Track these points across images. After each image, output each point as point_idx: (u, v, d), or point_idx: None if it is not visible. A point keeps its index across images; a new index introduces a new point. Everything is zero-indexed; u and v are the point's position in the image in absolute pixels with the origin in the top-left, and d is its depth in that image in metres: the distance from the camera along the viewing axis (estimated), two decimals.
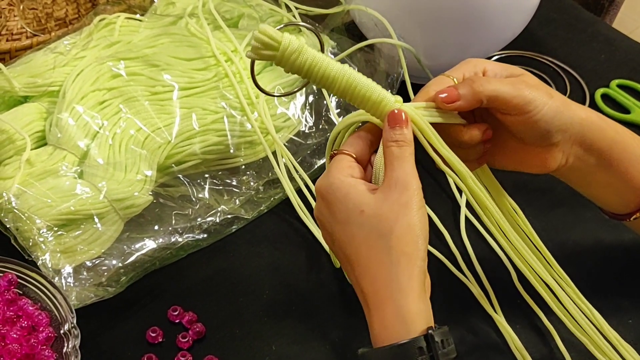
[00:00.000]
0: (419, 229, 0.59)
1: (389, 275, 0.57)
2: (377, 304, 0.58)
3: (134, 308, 0.78)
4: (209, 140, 0.85)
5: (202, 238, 0.82)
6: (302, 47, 0.59)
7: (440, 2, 0.89)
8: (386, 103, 0.63)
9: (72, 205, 0.77)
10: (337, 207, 0.61)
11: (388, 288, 0.57)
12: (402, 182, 0.60)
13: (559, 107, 0.65)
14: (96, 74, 0.86)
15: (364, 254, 0.59)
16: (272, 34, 0.59)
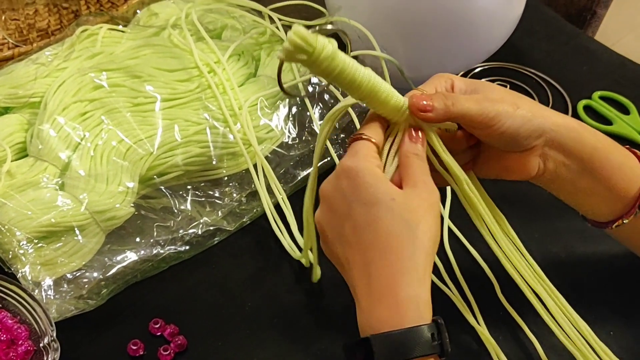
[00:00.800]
0: (438, 233, 0.61)
1: (409, 262, 0.58)
2: (389, 287, 0.58)
3: (115, 321, 0.78)
4: (192, 151, 0.85)
5: (184, 250, 0.82)
6: (335, 53, 0.59)
7: (423, 15, 0.90)
8: (405, 109, 0.64)
9: (52, 217, 0.76)
10: (365, 188, 0.60)
11: (405, 275, 0.57)
12: (430, 186, 0.62)
13: (525, 116, 0.66)
14: (78, 85, 0.85)
15: (383, 238, 0.58)
16: (308, 38, 0.57)
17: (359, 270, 0.60)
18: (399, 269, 0.58)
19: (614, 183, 0.70)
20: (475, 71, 1.09)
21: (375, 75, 0.63)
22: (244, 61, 0.95)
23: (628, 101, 1.04)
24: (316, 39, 0.57)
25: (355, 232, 0.60)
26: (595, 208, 0.74)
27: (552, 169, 0.70)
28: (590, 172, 0.70)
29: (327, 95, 0.95)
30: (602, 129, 1.01)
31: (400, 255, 0.58)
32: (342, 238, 0.61)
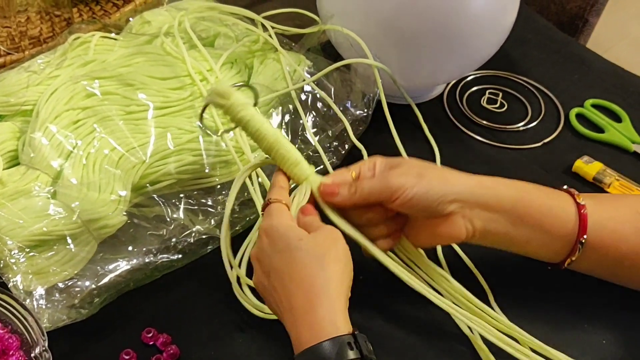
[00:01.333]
0: (347, 260, 0.69)
1: (322, 288, 0.65)
2: (308, 311, 0.65)
3: (108, 330, 0.77)
4: (184, 159, 0.85)
5: (177, 259, 0.82)
6: (245, 106, 0.74)
7: (416, 23, 0.90)
8: (302, 166, 0.75)
9: (44, 225, 0.76)
10: (279, 240, 0.69)
11: (320, 297, 0.65)
12: (330, 227, 0.71)
13: (430, 184, 0.72)
14: (70, 93, 0.85)
15: (298, 273, 0.66)
16: (226, 90, 0.74)
17: (285, 307, 0.67)
18: (314, 294, 0.65)
19: (547, 227, 0.75)
20: (467, 79, 1.09)
21: (282, 135, 0.75)
22: (236, 69, 0.95)
23: (620, 109, 1.05)
24: (234, 92, 0.73)
25: (277, 277, 0.68)
26: (540, 253, 0.78)
27: (481, 227, 0.75)
28: (520, 221, 0.75)
29: (320, 103, 0.95)
30: (595, 137, 1.01)
31: (314, 283, 0.66)
32: (272, 290, 0.69)
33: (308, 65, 0.98)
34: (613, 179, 0.94)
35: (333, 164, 0.93)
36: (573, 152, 0.99)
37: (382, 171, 0.75)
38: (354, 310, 0.67)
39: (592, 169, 0.95)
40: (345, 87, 0.97)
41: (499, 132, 1.02)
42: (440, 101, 1.05)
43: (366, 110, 0.96)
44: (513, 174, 0.94)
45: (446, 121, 1.03)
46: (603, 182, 0.94)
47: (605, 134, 1.02)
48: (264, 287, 0.70)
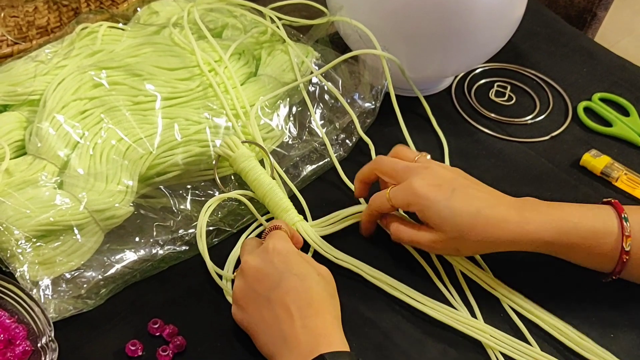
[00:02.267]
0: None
1: (332, 316, 0.71)
2: (329, 334, 0.69)
3: (114, 321, 0.77)
4: (192, 151, 0.84)
5: (184, 250, 0.82)
6: (248, 159, 0.84)
7: (425, 15, 0.89)
8: (292, 212, 0.84)
9: (51, 216, 0.76)
10: (297, 263, 0.72)
11: (336, 323, 0.71)
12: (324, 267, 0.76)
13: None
14: (77, 83, 0.85)
15: (317, 301, 0.70)
16: (235, 143, 0.85)
17: (292, 325, 0.68)
18: (331, 321, 0.70)
19: (591, 250, 0.76)
20: (475, 72, 1.08)
21: (276, 186, 0.84)
22: (244, 60, 0.95)
23: (628, 103, 1.04)
24: (240, 146, 0.85)
25: (289, 295, 0.70)
26: (586, 265, 0.79)
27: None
28: (563, 251, 0.77)
29: (328, 95, 0.95)
30: (603, 130, 1.01)
31: (329, 311, 0.71)
32: (268, 302, 0.70)
33: (316, 57, 0.98)
34: (621, 173, 0.94)
35: (340, 157, 0.93)
36: (581, 145, 0.99)
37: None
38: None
39: (599, 162, 0.95)
40: (353, 79, 0.96)
41: (507, 125, 1.01)
42: (448, 94, 1.05)
43: (374, 102, 0.95)
44: (520, 167, 0.95)
45: (454, 114, 1.02)
46: (611, 176, 0.94)
47: (613, 127, 1.01)
48: (256, 297, 0.72)
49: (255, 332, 0.72)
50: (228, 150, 0.85)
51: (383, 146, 0.95)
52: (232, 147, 0.85)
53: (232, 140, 0.85)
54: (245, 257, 0.75)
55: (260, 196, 0.84)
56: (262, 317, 0.71)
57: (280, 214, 0.83)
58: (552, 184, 0.94)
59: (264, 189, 0.83)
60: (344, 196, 0.90)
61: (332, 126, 0.94)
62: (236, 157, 0.84)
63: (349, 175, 0.91)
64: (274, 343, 0.69)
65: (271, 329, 0.70)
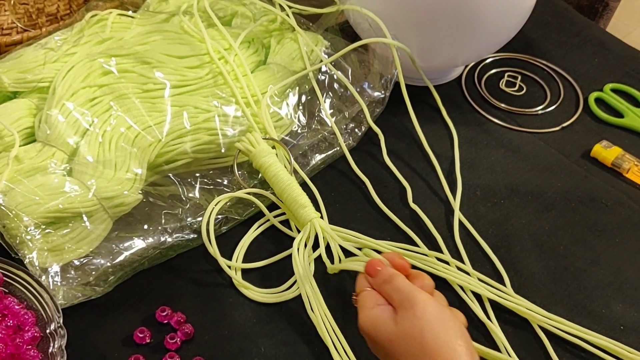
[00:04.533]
0: (452, 332, 0.63)
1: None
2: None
3: (122, 308, 0.77)
4: (200, 139, 0.84)
5: (192, 238, 0.81)
6: (267, 155, 0.84)
7: (435, 3, 0.89)
8: (309, 209, 0.81)
9: (60, 203, 0.76)
10: (374, 339, 0.66)
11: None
12: (411, 299, 0.65)
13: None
14: (87, 71, 0.85)
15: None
16: (257, 140, 0.85)
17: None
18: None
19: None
20: (486, 61, 1.08)
21: (294, 182, 0.83)
22: (254, 48, 0.94)
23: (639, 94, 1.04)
24: (260, 142, 0.85)
25: None
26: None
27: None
28: None
29: (337, 84, 0.94)
30: (614, 122, 1.00)
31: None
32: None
33: (325, 46, 0.97)
34: (632, 164, 0.93)
35: (349, 146, 0.92)
36: (592, 136, 0.98)
37: None
38: None
39: (610, 154, 0.94)
40: (363, 68, 0.96)
41: (517, 115, 1.01)
42: (458, 83, 1.05)
43: (383, 91, 0.95)
44: (530, 158, 0.94)
45: (464, 104, 1.02)
46: (622, 167, 0.93)
47: (624, 118, 1.00)
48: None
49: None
50: (249, 145, 0.85)
51: (392, 135, 0.95)
52: (253, 143, 0.85)
53: (253, 136, 0.85)
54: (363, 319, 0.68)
55: (278, 192, 0.83)
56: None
57: (298, 209, 0.82)
58: (562, 174, 0.93)
59: (282, 185, 0.83)
60: (353, 186, 0.90)
61: (342, 115, 0.94)
62: (256, 153, 0.84)
63: (358, 164, 0.91)
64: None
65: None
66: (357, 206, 0.88)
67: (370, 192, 0.89)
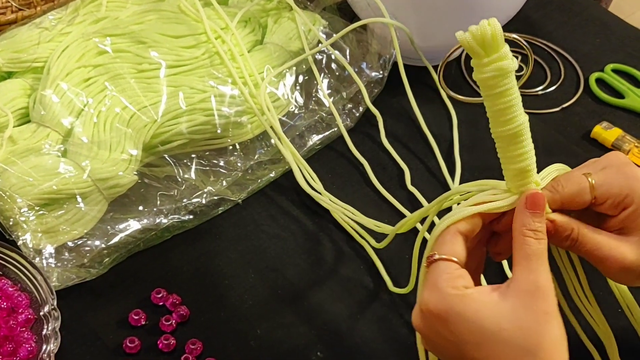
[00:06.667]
0: (564, 341, 0.53)
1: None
2: None
3: (117, 290, 0.77)
4: (196, 119, 0.83)
5: (188, 219, 0.81)
6: (511, 71, 0.55)
7: None
8: (530, 176, 0.58)
9: (54, 184, 0.75)
10: (465, 327, 0.53)
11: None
12: (543, 288, 0.53)
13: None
14: (82, 51, 0.84)
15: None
16: (498, 37, 0.54)
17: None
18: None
19: None
20: None
21: (528, 129, 0.57)
22: (250, 28, 0.93)
23: None
24: (502, 44, 0.54)
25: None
26: None
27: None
28: None
29: (335, 64, 0.93)
30: (615, 102, 0.99)
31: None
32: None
33: (323, 25, 0.96)
34: (632, 146, 0.92)
35: (347, 127, 0.92)
36: (592, 117, 0.97)
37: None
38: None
39: (611, 135, 0.93)
40: (361, 48, 0.95)
41: None
42: (457, 63, 1.04)
43: (382, 72, 0.94)
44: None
45: (464, 84, 1.01)
46: (622, 149, 0.92)
47: (625, 99, 0.99)
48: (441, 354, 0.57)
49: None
50: (492, 41, 0.54)
51: (390, 117, 0.94)
52: (497, 42, 0.54)
53: (496, 28, 0.54)
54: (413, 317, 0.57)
55: (499, 135, 0.58)
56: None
57: (511, 173, 0.58)
58: (563, 156, 0.92)
59: (512, 126, 0.56)
60: (351, 167, 0.89)
61: (339, 96, 0.93)
62: (493, 63, 0.55)
63: (356, 145, 0.90)
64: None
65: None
66: (355, 188, 0.88)
67: (368, 174, 0.88)
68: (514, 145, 0.57)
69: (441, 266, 0.55)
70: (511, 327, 0.52)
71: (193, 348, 0.72)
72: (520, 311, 0.52)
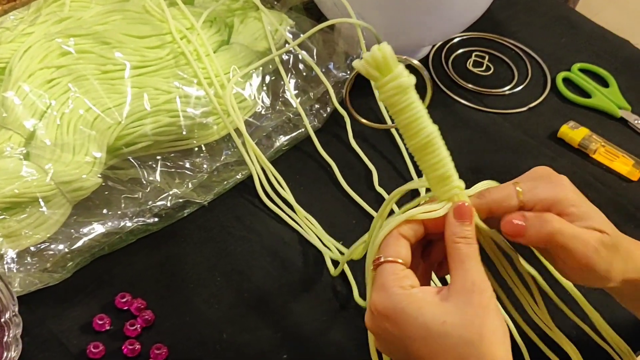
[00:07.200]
0: (505, 331, 0.55)
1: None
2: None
3: (81, 295, 0.76)
4: (161, 121, 0.82)
5: (153, 222, 0.80)
6: (408, 87, 0.58)
7: None
8: (451, 182, 0.60)
9: (16, 187, 0.74)
10: (411, 322, 0.55)
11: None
12: (480, 284, 0.56)
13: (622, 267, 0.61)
14: (44, 51, 0.83)
15: (452, 355, 0.54)
16: (389, 59, 0.57)
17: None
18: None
19: None
20: (453, 41, 1.07)
21: (439, 136, 0.59)
22: (216, 28, 0.92)
23: (608, 74, 1.03)
24: (397, 65, 0.57)
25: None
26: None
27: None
28: None
29: (302, 64, 0.93)
30: (581, 102, 1.00)
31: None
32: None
33: (290, 25, 0.96)
34: (599, 145, 0.93)
35: (314, 127, 0.91)
36: (559, 117, 0.98)
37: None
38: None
39: (577, 134, 0.94)
40: (328, 48, 0.95)
41: (485, 96, 1.00)
42: (425, 64, 1.03)
43: (349, 72, 0.94)
44: (497, 139, 0.94)
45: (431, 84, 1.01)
46: (589, 148, 0.93)
47: (592, 99, 1.00)
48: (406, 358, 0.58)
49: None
50: (384, 63, 0.57)
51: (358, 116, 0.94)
52: (388, 63, 0.57)
53: (384, 52, 0.56)
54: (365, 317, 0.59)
55: (413, 148, 0.60)
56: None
57: (434, 181, 0.60)
58: (529, 156, 0.93)
59: (421, 138, 0.59)
60: (318, 168, 0.89)
61: (307, 96, 0.92)
62: (389, 83, 0.57)
63: (324, 146, 0.90)
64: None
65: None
66: (322, 189, 0.87)
67: (335, 175, 0.88)
68: (429, 155, 0.59)
69: (387, 268, 0.57)
70: (453, 320, 0.54)
71: (158, 353, 0.72)
72: (460, 306, 0.55)
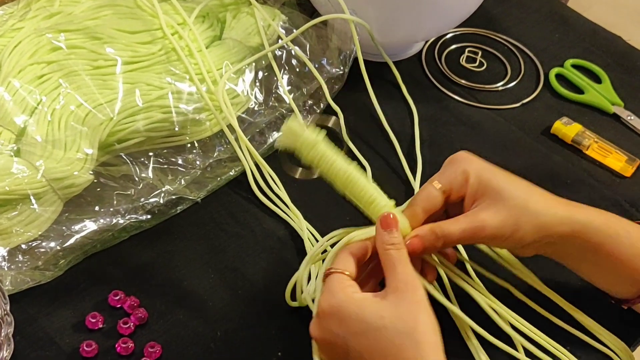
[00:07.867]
0: (435, 324, 0.62)
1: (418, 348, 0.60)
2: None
3: (73, 293, 0.75)
4: (153, 117, 0.82)
5: (145, 219, 0.80)
6: (316, 144, 0.69)
7: None
8: (377, 204, 0.69)
9: (7, 184, 0.73)
10: (352, 320, 0.61)
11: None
12: (412, 283, 0.63)
13: (526, 230, 0.68)
14: (34, 47, 0.82)
15: (392, 354, 0.60)
16: (295, 128, 0.69)
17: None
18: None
19: (621, 264, 0.70)
20: (446, 37, 1.06)
21: (355, 171, 0.69)
22: (208, 23, 0.92)
23: (600, 69, 1.03)
24: (302, 130, 0.69)
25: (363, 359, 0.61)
26: (610, 288, 0.74)
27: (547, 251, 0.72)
28: (591, 260, 0.71)
29: (295, 60, 0.92)
30: (574, 98, 0.99)
31: (411, 352, 0.60)
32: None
33: (283, 20, 0.95)
34: (592, 141, 0.93)
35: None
36: (552, 113, 0.98)
37: (476, 207, 0.69)
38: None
39: (571, 130, 0.94)
40: (321, 44, 0.94)
41: (478, 91, 1.00)
42: (418, 59, 1.03)
43: (342, 68, 0.93)
44: (490, 135, 0.94)
45: (424, 80, 1.01)
46: (582, 144, 0.93)
47: (585, 95, 1.00)
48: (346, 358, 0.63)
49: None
50: (291, 137, 0.70)
51: (351, 113, 0.93)
52: (295, 133, 0.70)
53: (293, 125, 0.70)
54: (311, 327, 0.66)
55: (340, 187, 0.70)
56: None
57: (365, 206, 0.70)
58: (523, 152, 0.93)
59: (341, 178, 0.70)
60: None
61: (300, 92, 0.92)
62: (302, 146, 0.70)
63: None
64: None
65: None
66: (316, 186, 0.86)
67: None
68: (353, 188, 0.69)
69: (335, 277, 0.64)
70: (390, 315, 0.60)
71: (152, 351, 0.71)
72: (396, 302, 0.61)
